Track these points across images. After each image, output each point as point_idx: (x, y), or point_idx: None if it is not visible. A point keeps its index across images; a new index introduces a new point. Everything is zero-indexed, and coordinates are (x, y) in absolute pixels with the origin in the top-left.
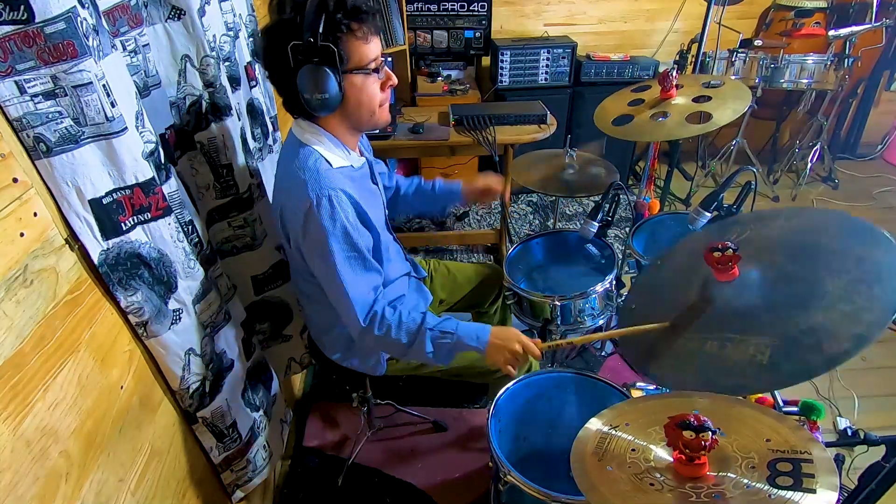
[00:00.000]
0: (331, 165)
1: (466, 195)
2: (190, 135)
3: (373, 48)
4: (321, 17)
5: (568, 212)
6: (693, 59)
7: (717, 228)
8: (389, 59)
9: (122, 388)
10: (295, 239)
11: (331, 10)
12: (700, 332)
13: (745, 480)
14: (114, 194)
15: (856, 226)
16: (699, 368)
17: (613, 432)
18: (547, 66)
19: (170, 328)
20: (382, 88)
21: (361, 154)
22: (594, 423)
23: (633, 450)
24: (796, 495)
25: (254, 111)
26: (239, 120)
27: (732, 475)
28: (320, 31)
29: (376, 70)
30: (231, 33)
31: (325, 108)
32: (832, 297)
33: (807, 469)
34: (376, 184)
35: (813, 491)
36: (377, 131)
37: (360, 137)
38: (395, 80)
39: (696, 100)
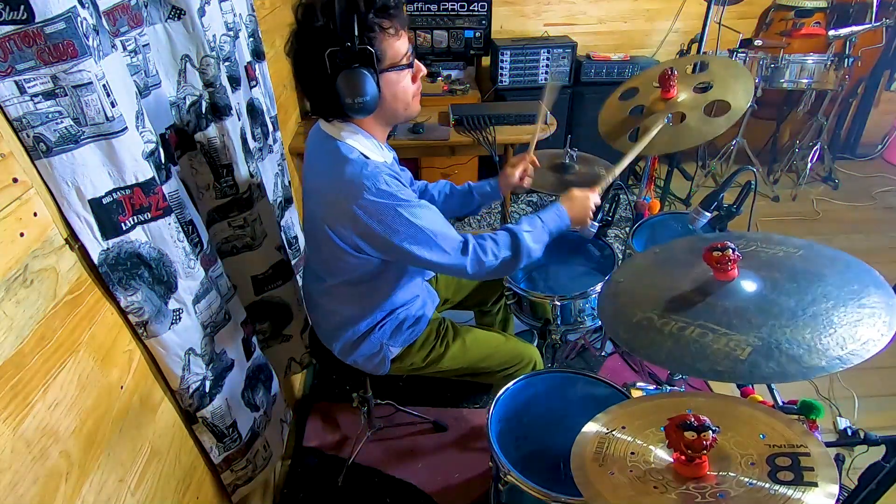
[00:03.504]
0: (371, 160)
1: (505, 185)
2: (190, 135)
3: (404, 42)
4: (353, 19)
5: None
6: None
7: (724, 237)
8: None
9: (122, 388)
10: (358, 230)
11: (362, 11)
12: (686, 317)
13: (746, 479)
14: (114, 194)
15: (859, 268)
16: (675, 348)
17: (611, 435)
18: (547, 66)
19: (170, 328)
20: (413, 80)
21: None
22: (591, 428)
23: (632, 452)
24: (799, 490)
25: (254, 111)
26: (239, 120)
27: (733, 473)
28: (356, 34)
29: (409, 65)
30: (231, 33)
31: (364, 110)
32: (823, 320)
33: (805, 462)
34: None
35: (815, 485)
36: None
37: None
38: (424, 70)
39: (697, 90)
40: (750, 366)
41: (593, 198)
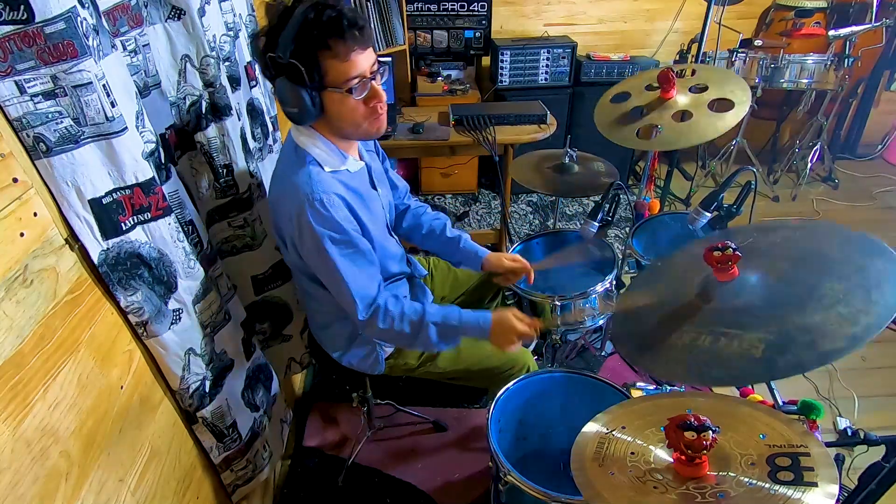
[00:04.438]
0: (323, 169)
1: (487, 268)
2: (190, 135)
3: (356, 65)
4: (297, 31)
5: (568, 212)
6: (693, 59)
7: (722, 236)
8: (385, 64)
9: (122, 388)
10: (291, 239)
11: (308, 24)
12: (695, 327)
13: (746, 479)
14: (114, 194)
15: (858, 238)
16: (691, 361)
17: (612, 435)
18: (547, 66)
19: (170, 328)
20: (367, 104)
21: (361, 158)
22: (591, 428)
23: (632, 453)
24: (799, 490)
25: (254, 111)
26: (239, 120)
27: (733, 473)
28: (293, 47)
29: (350, 90)
30: (231, 33)
31: (300, 120)
32: (830, 300)
33: (805, 462)
34: (376, 188)
35: (815, 484)
36: None
37: (357, 142)
38: (382, 97)
39: (693, 91)
40: (766, 363)
41: (527, 334)
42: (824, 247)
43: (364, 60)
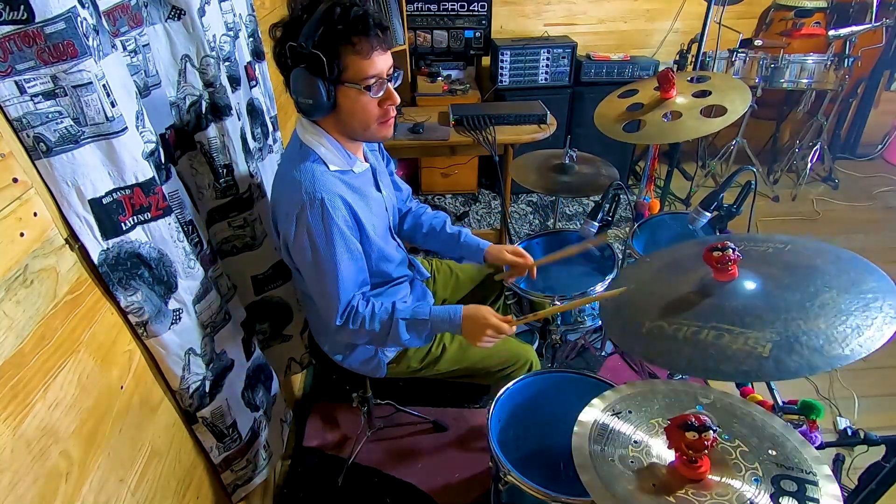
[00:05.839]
0: (327, 168)
1: (489, 260)
2: (190, 135)
3: (375, 64)
4: (322, 24)
5: (568, 212)
6: (693, 59)
7: (707, 241)
8: (400, 70)
9: (122, 388)
10: (285, 237)
11: (335, 19)
12: (695, 321)
13: (749, 496)
14: (114, 194)
15: (847, 257)
16: (694, 353)
17: (614, 419)
18: (547, 66)
19: (170, 328)
20: (381, 105)
21: (366, 159)
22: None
23: (635, 441)
24: None
25: (254, 111)
26: (239, 120)
27: (736, 484)
28: (316, 38)
29: (369, 88)
30: (231, 33)
31: (312, 112)
32: (832, 309)
33: (812, 492)
34: (380, 190)
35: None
36: None
37: (363, 144)
38: (396, 100)
39: (696, 95)
40: (775, 362)
41: (501, 328)
42: (817, 261)
43: (383, 62)
